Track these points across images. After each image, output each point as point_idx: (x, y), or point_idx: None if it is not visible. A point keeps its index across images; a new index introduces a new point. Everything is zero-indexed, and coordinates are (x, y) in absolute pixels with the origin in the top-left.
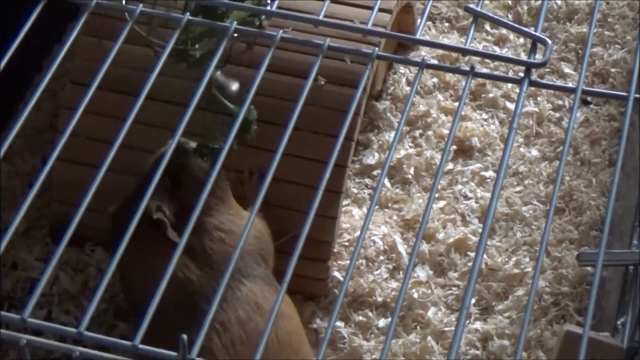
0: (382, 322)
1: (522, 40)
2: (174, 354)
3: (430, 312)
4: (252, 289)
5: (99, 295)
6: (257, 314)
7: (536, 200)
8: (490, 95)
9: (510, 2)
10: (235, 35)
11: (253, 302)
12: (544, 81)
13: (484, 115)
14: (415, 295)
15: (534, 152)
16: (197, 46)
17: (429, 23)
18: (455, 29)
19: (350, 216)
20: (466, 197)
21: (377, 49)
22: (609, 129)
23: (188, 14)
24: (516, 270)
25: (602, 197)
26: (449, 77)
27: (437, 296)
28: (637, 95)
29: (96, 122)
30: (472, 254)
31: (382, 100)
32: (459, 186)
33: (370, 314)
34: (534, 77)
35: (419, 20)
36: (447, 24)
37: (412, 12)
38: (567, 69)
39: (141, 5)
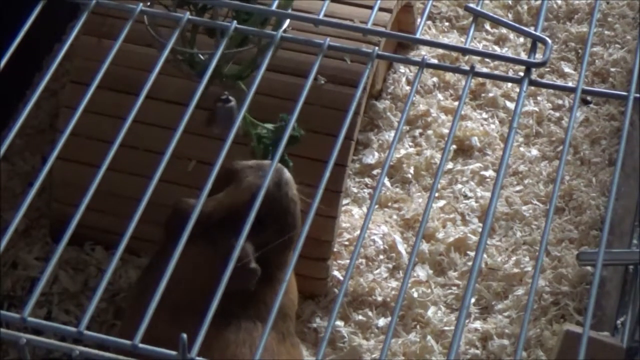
0: (381, 322)
1: (522, 39)
2: (173, 353)
3: (430, 312)
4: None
5: (99, 295)
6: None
7: (536, 200)
8: (490, 94)
9: (510, 2)
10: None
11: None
12: (544, 81)
13: (484, 115)
14: (415, 295)
15: (534, 152)
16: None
17: (429, 22)
18: (455, 29)
19: (350, 215)
20: (466, 197)
21: (377, 48)
22: (609, 129)
23: (188, 13)
24: (516, 270)
25: (602, 197)
26: (448, 76)
27: (436, 295)
28: (637, 95)
29: (96, 122)
30: (472, 254)
31: (382, 99)
32: (459, 185)
33: (370, 313)
34: (534, 76)
35: (419, 20)
36: (447, 24)
37: (412, 11)
38: (567, 69)
39: (141, 4)
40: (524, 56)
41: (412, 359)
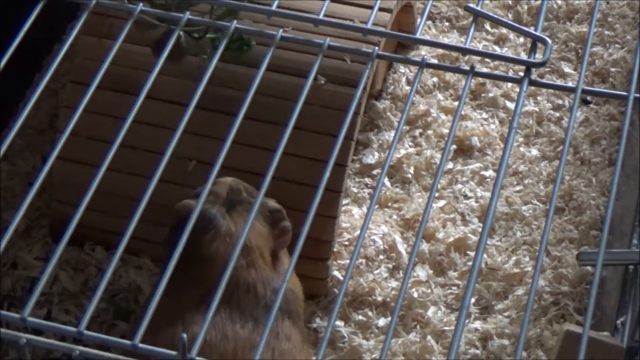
0: (382, 322)
1: (522, 39)
2: (173, 353)
3: (430, 312)
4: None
5: (99, 295)
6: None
7: (536, 200)
8: (490, 94)
9: (510, 2)
10: None
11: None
12: (544, 81)
13: (484, 115)
14: (415, 295)
15: (534, 152)
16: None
17: (429, 22)
18: (455, 29)
19: (350, 215)
20: (466, 197)
21: (377, 48)
22: (609, 129)
23: (188, 13)
24: (516, 270)
25: (602, 197)
26: (449, 76)
27: (437, 295)
28: (637, 95)
29: (96, 122)
30: (472, 254)
31: (382, 99)
32: (459, 185)
33: (370, 313)
34: (534, 76)
35: (419, 20)
36: (447, 24)
37: (412, 11)
38: (567, 69)
39: (141, 4)
40: (524, 56)
41: (412, 359)
